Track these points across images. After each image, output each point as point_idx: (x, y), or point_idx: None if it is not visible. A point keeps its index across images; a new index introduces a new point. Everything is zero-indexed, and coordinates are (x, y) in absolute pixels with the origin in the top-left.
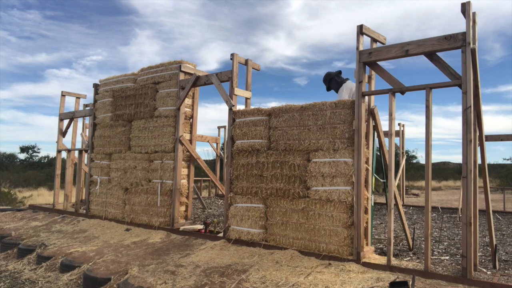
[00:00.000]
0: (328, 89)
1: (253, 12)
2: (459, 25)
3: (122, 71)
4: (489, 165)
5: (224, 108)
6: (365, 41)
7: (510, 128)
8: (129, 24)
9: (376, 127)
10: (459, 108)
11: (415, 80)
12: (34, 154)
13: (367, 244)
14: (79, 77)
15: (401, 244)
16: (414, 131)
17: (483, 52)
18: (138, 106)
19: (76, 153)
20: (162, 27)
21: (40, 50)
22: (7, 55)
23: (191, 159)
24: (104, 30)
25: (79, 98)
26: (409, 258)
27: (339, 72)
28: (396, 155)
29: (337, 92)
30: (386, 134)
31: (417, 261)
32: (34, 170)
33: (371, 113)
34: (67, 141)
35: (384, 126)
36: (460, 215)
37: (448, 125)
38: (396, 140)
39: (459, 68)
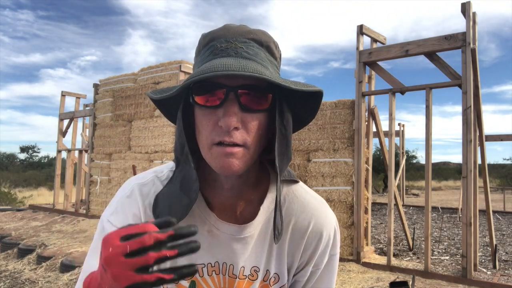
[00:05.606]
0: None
1: (245, 12)
2: (451, 25)
3: (117, 71)
4: (489, 165)
5: None
6: (365, 41)
7: (506, 127)
8: (123, 24)
9: (376, 127)
10: (455, 108)
11: (411, 80)
12: (34, 154)
13: (367, 244)
14: (74, 77)
15: (401, 244)
16: (411, 131)
17: (478, 53)
18: (138, 106)
19: (76, 153)
20: (156, 27)
21: (34, 50)
22: (2, 55)
23: None
24: (98, 30)
25: (79, 98)
26: (409, 258)
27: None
28: (396, 155)
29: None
30: (386, 134)
31: (417, 261)
32: (34, 170)
33: (371, 113)
34: (67, 141)
35: (384, 126)
36: (460, 215)
37: (445, 125)
38: (396, 140)
39: (459, 68)
